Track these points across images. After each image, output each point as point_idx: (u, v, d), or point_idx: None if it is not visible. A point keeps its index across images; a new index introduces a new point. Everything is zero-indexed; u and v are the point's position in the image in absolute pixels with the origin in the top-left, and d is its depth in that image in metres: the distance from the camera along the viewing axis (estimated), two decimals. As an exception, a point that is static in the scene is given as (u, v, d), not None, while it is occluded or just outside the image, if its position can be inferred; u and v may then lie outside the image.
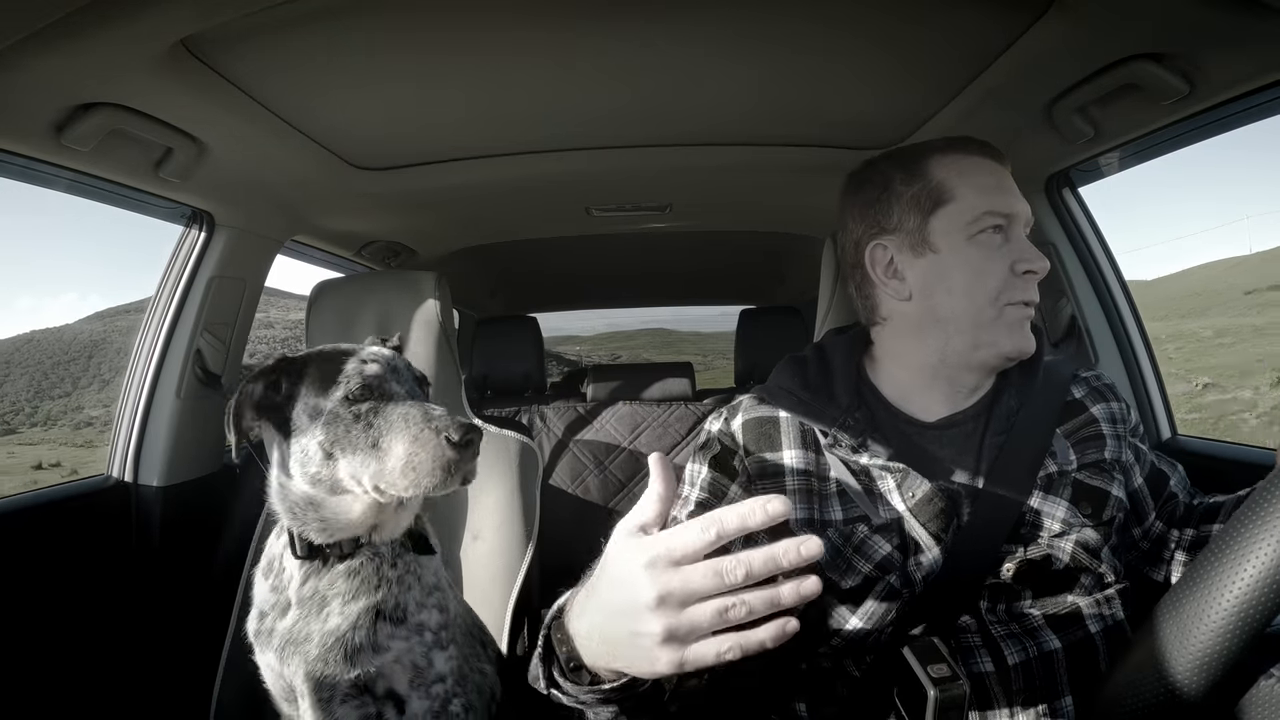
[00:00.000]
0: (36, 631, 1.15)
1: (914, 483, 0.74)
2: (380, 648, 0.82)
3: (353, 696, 0.82)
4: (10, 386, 14.22)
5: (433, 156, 1.36)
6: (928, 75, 1.06)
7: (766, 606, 0.43)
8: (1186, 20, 0.79)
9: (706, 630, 0.44)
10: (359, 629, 0.81)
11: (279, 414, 0.82)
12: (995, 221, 0.78)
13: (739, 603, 0.43)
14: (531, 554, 1.25)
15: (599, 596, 0.50)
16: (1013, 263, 0.77)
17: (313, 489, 0.80)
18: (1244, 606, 0.42)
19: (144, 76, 0.86)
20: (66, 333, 15.63)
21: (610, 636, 0.48)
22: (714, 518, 0.44)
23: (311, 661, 0.81)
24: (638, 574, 0.45)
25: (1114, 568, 0.76)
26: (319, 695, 0.81)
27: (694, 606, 0.44)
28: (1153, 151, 1.15)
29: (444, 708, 0.85)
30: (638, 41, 0.96)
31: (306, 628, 0.82)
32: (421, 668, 0.84)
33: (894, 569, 0.73)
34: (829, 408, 0.80)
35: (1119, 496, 0.78)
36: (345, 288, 1.44)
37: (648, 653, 0.45)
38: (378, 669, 0.82)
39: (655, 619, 0.44)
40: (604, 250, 2.29)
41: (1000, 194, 0.79)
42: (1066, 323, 1.42)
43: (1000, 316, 0.77)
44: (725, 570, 0.43)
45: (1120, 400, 0.85)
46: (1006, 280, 0.77)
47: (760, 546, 0.44)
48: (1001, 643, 0.70)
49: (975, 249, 0.78)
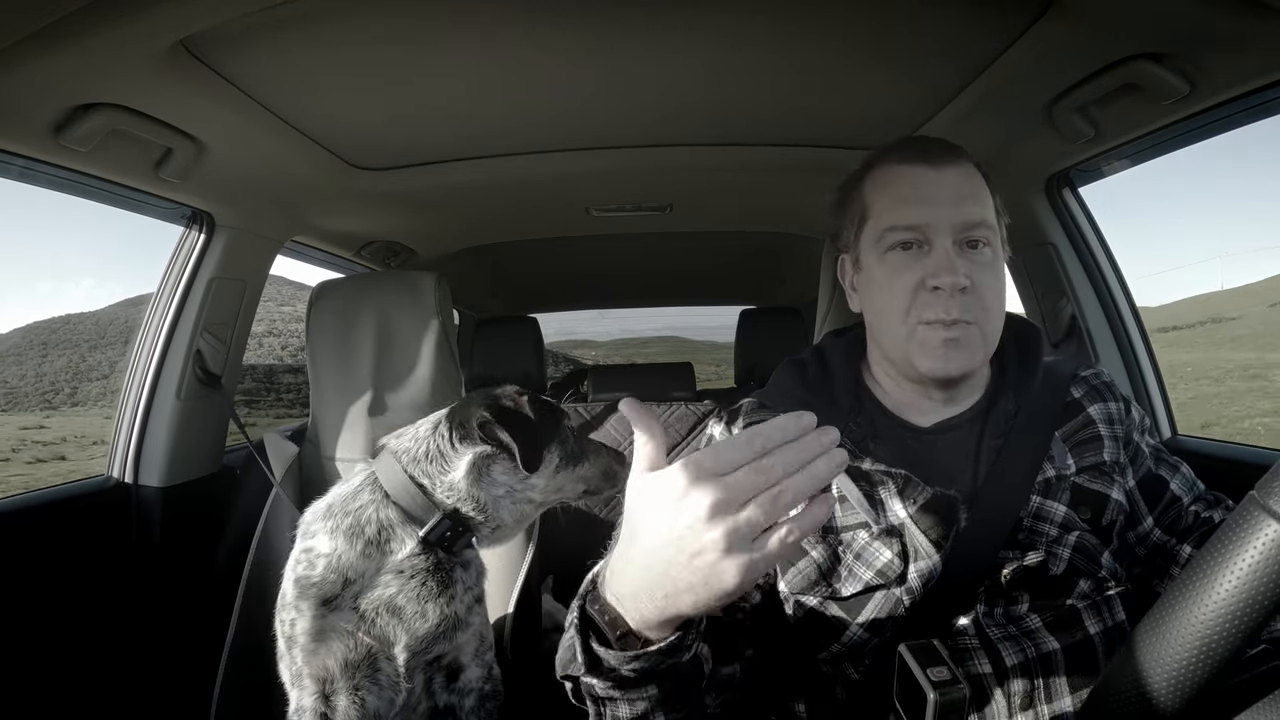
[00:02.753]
0: (37, 632, 1.15)
1: (915, 489, 0.74)
2: (464, 624, 0.96)
3: (428, 666, 0.96)
4: (49, 367, 14.30)
5: (433, 156, 1.36)
6: (928, 75, 1.06)
7: (810, 484, 0.45)
8: (1186, 20, 0.79)
9: (764, 524, 0.44)
10: (459, 605, 0.95)
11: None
12: (900, 237, 0.76)
13: (784, 489, 0.44)
14: (532, 554, 1.25)
15: (639, 544, 0.49)
16: (922, 278, 0.74)
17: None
18: (1205, 648, 0.42)
19: (144, 76, 0.86)
20: (103, 317, 15.69)
21: (666, 573, 0.47)
22: (754, 431, 0.46)
23: (420, 637, 0.93)
24: (682, 496, 0.45)
25: (1113, 572, 0.75)
26: (411, 664, 0.94)
27: (745, 506, 0.44)
28: (1153, 151, 1.15)
29: (489, 672, 1.01)
30: (639, 42, 0.96)
31: (415, 605, 0.93)
32: (485, 638, 1.01)
33: (894, 576, 0.73)
34: (830, 412, 0.80)
35: (1119, 500, 0.77)
36: (345, 288, 1.44)
37: (713, 570, 0.45)
38: (459, 644, 0.96)
39: (713, 528, 0.44)
40: (604, 250, 2.29)
41: (913, 205, 0.75)
42: (1066, 323, 1.42)
43: (912, 335, 0.75)
44: (765, 467, 0.44)
45: (1119, 399, 0.83)
46: (915, 297, 0.75)
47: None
48: (999, 644, 0.70)
49: (884, 266, 0.77)
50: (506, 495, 0.97)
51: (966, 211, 0.74)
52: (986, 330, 0.75)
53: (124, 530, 1.35)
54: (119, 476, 1.38)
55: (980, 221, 0.75)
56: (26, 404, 13.80)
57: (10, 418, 12.36)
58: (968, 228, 0.74)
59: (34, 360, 14.77)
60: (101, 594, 1.27)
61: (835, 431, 0.46)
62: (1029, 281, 1.48)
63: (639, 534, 0.49)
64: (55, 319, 16.56)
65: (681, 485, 0.45)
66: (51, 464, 8.93)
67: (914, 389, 0.80)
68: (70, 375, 14.64)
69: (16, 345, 15.07)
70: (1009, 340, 0.84)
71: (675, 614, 0.49)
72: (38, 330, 15.86)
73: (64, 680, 1.18)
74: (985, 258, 0.75)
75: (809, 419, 0.46)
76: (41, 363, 14.82)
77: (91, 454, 9.72)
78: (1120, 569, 0.77)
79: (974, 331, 0.74)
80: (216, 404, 1.48)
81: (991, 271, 0.75)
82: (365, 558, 0.93)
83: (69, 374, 14.66)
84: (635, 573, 0.50)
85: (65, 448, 9.65)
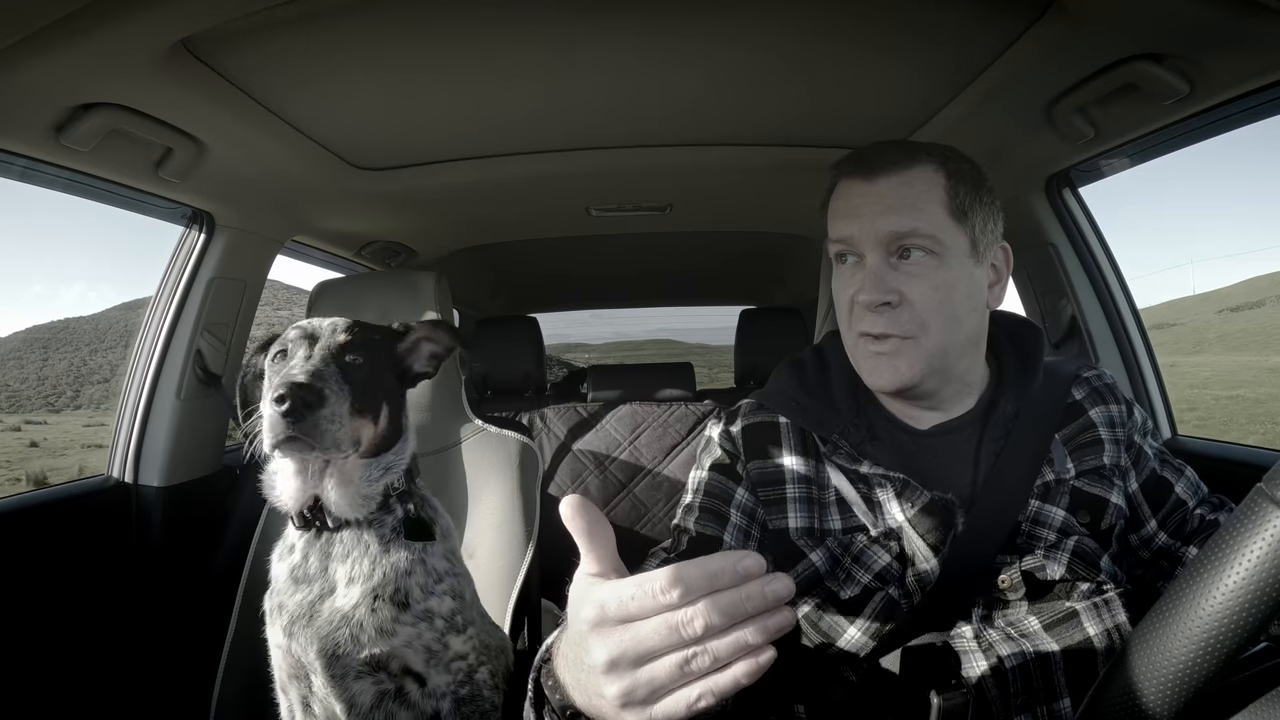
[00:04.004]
0: (37, 632, 1.15)
1: (913, 493, 0.74)
2: (386, 631, 0.83)
3: (366, 674, 0.84)
4: (50, 370, 14.32)
5: (433, 156, 1.36)
6: (927, 76, 1.06)
7: (733, 651, 0.38)
8: (1186, 20, 0.79)
9: (670, 688, 0.39)
10: (359, 609, 0.82)
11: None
12: (837, 249, 0.78)
13: (701, 652, 0.38)
14: (531, 554, 1.25)
15: (566, 650, 0.46)
16: (854, 292, 0.75)
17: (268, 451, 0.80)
18: (1194, 663, 0.41)
19: (144, 76, 0.86)
20: (102, 321, 15.72)
21: (585, 691, 0.43)
22: (676, 576, 0.38)
23: (323, 639, 0.82)
24: (586, 634, 0.41)
25: (1113, 575, 0.75)
26: (331, 671, 0.83)
27: (650, 664, 0.39)
28: (1153, 151, 1.15)
29: (469, 677, 0.87)
30: (639, 42, 0.95)
31: (317, 605, 0.84)
32: (436, 651, 0.85)
33: (892, 579, 0.73)
34: (829, 414, 0.80)
35: (1118, 504, 0.77)
36: (345, 288, 1.44)
37: (615, 716, 0.41)
38: (388, 651, 0.82)
39: (608, 683, 0.39)
40: (604, 250, 2.29)
41: (845, 219, 0.76)
42: (1066, 323, 1.42)
43: (855, 347, 0.77)
44: (681, 624, 0.37)
45: (1121, 402, 0.82)
46: (853, 311, 0.76)
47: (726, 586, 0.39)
48: (998, 647, 0.70)
49: (835, 279, 0.80)
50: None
51: (892, 222, 0.72)
52: (925, 343, 0.73)
53: (124, 530, 1.34)
54: (119, 476, 1.38)
55: (909, 231, 0.72)
56: (30, 405, 13.84)
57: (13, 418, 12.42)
58: (895, 239, 0.72)
59: (35, 364, 14.81)
60: (101, 594, 1.27)
61: (782, 582, 0.38)
62: (1029, 282, 1.48)
63: (565, 639, 0.47)
64: (55, 322, 16.60)
65: (590, 619, 0.40)
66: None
67: (912, 396, 0.80)
68: (72, 379, 14.67)
69: (17, 349, 15.11)
70: (1008, 342, 0.83)
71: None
72: (38, 333, 15.88)
73: (64, 680, 1.18)
74: (920, 268, 0.73)
75: (751, 562, 0.38)
76: (43, 366, 14.86)
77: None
78: (1120, 572, 0.76)
79: (909, 345, 0.73)
80: (216, 404, 1.48)
81: (927, 282, 0.72)
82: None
83: (70, 377, 14.70)
84: (568, 670, 0.46)
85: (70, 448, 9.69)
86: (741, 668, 0.38)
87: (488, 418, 1.38)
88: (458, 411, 1.36)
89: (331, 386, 0.78)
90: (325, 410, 0.76)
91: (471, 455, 1.33)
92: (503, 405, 1.99)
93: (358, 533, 0.86)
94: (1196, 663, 0.42)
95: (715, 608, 0.37)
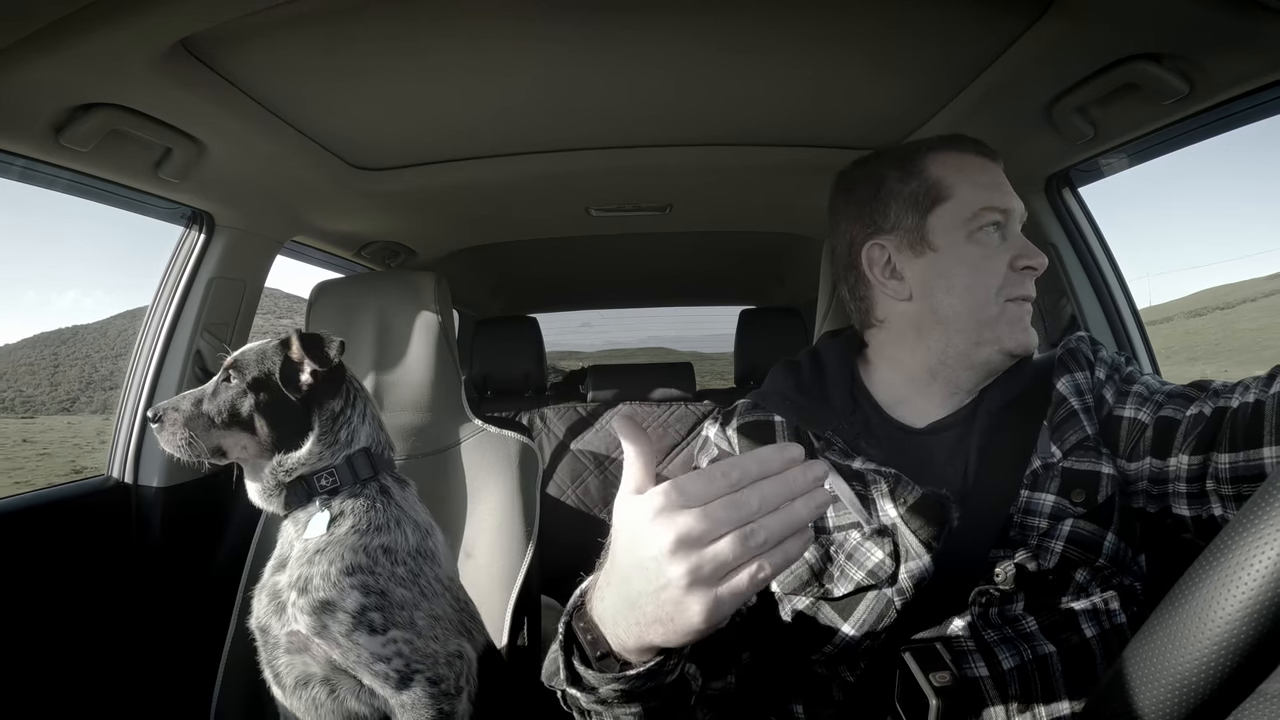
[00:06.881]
0: (37, 632, 1.15)
1: (906, 489, 0.74)
2: (284, 613, 0.93)
3: (295, 651, 0.93)
4: (62, 375, 14.44)
5: (433, 156, 1.36)
6: (927, 75, 1.06)
7: (785, 526, 0.42)
8: (1186, 20, 0.79)
9: (732, 563, 0.42)
10: (290, 591, 0.93)
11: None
12: (994, 218, 0.78)
13: (759, 527, 0.42)
14: (531, 554, 1.25)
15: (616, 567, 0.47)
16: (1012, 258, 0.77)
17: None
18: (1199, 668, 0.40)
19: (144, 76, 0.86)
20: (110, 328, 15.79)
21: (636, 602, 0.45)
22: (733, 461, 0.44)
23: (258, 611, 0.97)
24: (649, 525, 0.43)
25: (1115, 557, 0.72)
26: (264, 639, 0.97)
27: (714, 543, 0.42)
28: (1153, 151, 1.15)
29: (404, 682, 0.90)
30: (638, 42, 0.95)
31: (273, 578, 0.97)
32: (345, 647, 0.89)
33: (886, 576, 0.73)
34: (823, 411, 0.80)
35: (1109, 473, 0.75)
36: (345, 288, 1.44)
37: (677, 606, 0.43)
38: (303, 634, 0.91)
39: (676, 564, 0.42)
40: (604, 250, 2.29)
41: (997, 190, 0.79)
42: (1066, 323, 1.42)
43: (1003, 313, 0.77)
44: (740, 502, 0.42)
45: (1084, 365, 0.80)
46: (1007, 276, 0.77)
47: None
48: (995, 647, 0.70)
49: (975, 246, 0.77)
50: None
51: (1022, 204, 0.81)
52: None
53: (124, 530, 1.34)
54: (119, 476, 1.38)
55: (1022, 211, 0.81)
56: (46, 410, 13.91)
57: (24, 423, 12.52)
58: (1024, 218, 0.81)
59: (47, 370, 14.89)
60: (101, 594, 1.26)
61: (821, 466, 0.44)
62: (1029, 281, 1.48)
63: (617, 557, 0.48)
64: (64, 330, 16.69)
65: (651, 513, 0.43)
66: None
67: (945, 380, 0.80)
68: (83, 385, 14.75)
69: (28, 355, 15.18)
70: None
71: (649, 644, 0.47)
72: (46, 341, 15.96)
73: (64, 680, 1.18)
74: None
75: (794, 451, 0.44)
76: (54, 372, 14.93)
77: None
78: (1128, 551, 0.74)
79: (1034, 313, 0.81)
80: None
81: None
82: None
83: (82, 383, 14.78)
84: (612, 596, 0.48)
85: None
86: (793, 543, 0.43)
87: (487, 418, 1.39)
88: (457, 412, 1.36)
89: (176, 409, 0.97)
90: (164, 432, 0.97)
91: (471, 455, 1.33)
92: (502, 405, 2.00)
93: (292, 520, 0.99)
94: (1197, 678, 0.40)
95: (768, 486, 0.43)
